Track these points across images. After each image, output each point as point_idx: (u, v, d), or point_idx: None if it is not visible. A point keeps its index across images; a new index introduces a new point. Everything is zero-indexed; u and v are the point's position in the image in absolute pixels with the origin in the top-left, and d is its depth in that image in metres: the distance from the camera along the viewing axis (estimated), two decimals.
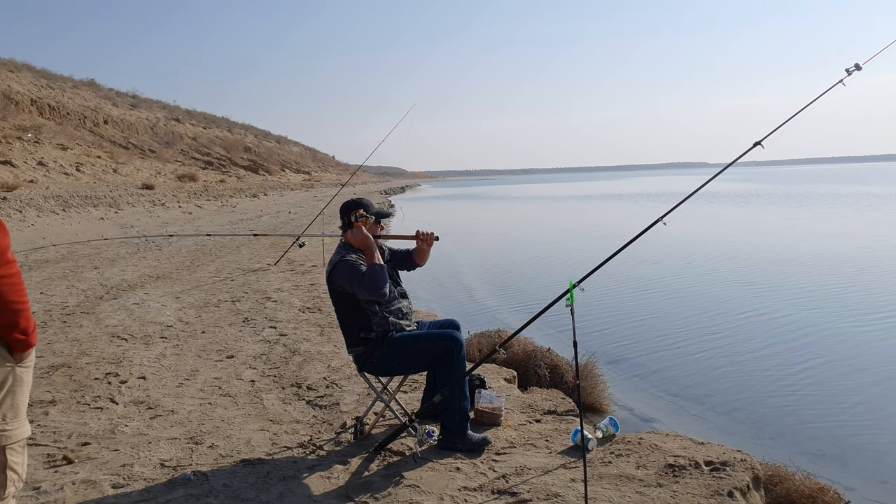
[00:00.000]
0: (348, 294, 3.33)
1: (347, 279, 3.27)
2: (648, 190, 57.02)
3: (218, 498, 2.89)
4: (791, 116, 3.41)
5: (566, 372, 5.09)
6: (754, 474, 3.07)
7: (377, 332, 3.36)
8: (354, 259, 3.32)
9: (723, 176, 3.65)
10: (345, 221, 3.45)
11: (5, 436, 1.80)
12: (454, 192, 72.63)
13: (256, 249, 12.71)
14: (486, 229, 23.96)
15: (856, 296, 9.22)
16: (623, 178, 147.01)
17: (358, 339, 3.38)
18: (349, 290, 3.30)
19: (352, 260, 3.31)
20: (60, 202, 18.89)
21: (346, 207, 3.47)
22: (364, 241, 3.34)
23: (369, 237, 3.35)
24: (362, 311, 3.36)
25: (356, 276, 3.24)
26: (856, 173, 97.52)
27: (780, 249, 14.60)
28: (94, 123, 40.77)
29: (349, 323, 3.41)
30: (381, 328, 3.36)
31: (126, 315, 6.74)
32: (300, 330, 6.08)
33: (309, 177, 67.61)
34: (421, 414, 3.45)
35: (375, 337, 3.36)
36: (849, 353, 6.57)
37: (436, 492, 2.94)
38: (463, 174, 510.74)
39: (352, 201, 3.51)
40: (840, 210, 25.87)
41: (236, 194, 33.75)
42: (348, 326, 3.42)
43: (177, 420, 3.85)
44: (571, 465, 3.18)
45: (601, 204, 38.16)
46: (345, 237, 3.44)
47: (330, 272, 3.37)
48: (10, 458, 1.82)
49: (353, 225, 3.39)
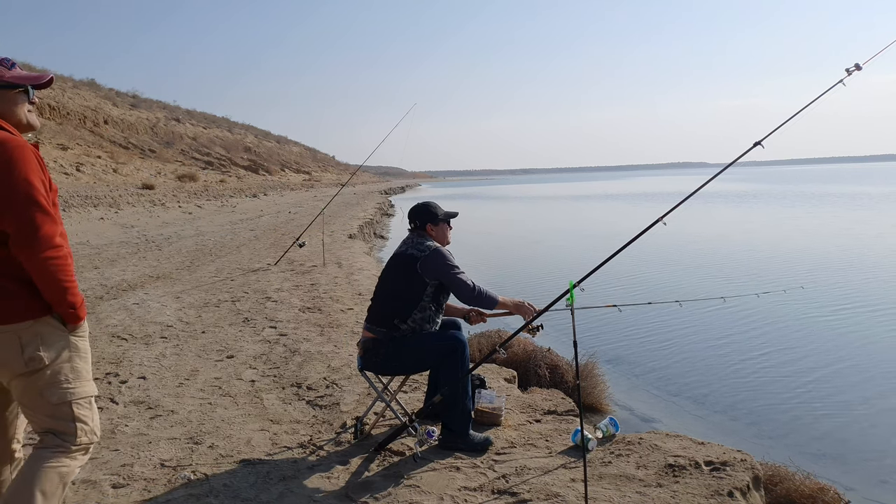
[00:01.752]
0: (423, 281, 3.35)
1: (448, 274, 3.35)
2: (648, 190, 57.03)
3: (218, 498, 2.89)
4: (791, 116, 3.40)
5: (566, 372, 5.09)
6: (754, 474, 3.07)
7: (409, 326, 3.36)
8: (450, 253, 3.47)
9: (722, 176, 3.65)
10: (416, 225, 3.58)
11: (69, 392, 2.12)
12: (454, 192, 72.63)
13: (256, 249, 12.71)
14: (486, 229, 23.96)
15: (856, 296, 9.23)
16: (623, 178, 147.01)
17: (389, 323, 3.37)
18: (430, 279, 3.35)
19: (450, 254, 3.45)
20: (60, 202, 18.84)
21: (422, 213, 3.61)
22: (521, 311, 3.49)
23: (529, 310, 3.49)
24: (416, 301, 3.36)
25: (461, 277, 3.36)
26: (855, 173, 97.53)
27: (781, 250, 14.60)
28: (94, 123, 40.76)
29: (392, 304, 3.40)
30: (415, 324, 3.37)
31: (126, 315, 6.74)
32: (300, 330, 6.08)
33: (309, 177, 67.61)
34: (421, 414, 3.46)
35: (405, 331, 3.36)
36: (849, 352, 6.57)
37: (436, 492, 2.94)
38: (462, 174, 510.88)
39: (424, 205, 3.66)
40: (833, 209, 25.87)
41: (236, 194, 33.74)
42: (388, 305, 3.41)
43: (177, 420, 3.85)
44: (571, 465, 3.18)
45: (601, 204, 38.16)
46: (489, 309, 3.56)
47: (426, 256, 3.37)
48: (77, 411, 2.14)
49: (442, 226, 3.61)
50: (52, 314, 2.12)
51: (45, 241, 2.04)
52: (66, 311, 2.12)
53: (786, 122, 3.38)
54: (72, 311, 2.13)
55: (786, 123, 3.37)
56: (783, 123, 3.37)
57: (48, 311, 2.11)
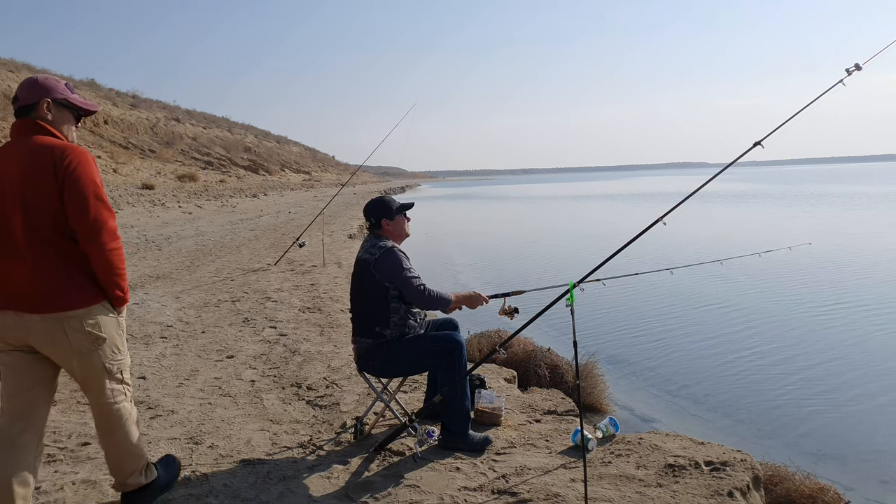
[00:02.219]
0: (383, 285, 3.29)
1: (398, 276, 3.27)
2: (648, 190, 57.01)
3: (218, 498, 2.89)
4: (791, 116, 3.40)
5: (566, 372, 5.09)
6: (754, 474, 3.07)
7: (393, 330, 3.33)
8: (403, 254, 3.35)
9: (722, 176, 3.65)
10: (372, 223, 3.48)
11: (123, 363, 2.57)
12: (454, 192, 72.63)
13: (256, 249, 12.71)
14: (486, 229, 23.96)
15: (855, 296, 9.22)
16: (623, 177, 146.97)
17: (371, 332, 3.34)
18: (387, 283, 3.28)
19: (402, 252, 3.35)
20: None
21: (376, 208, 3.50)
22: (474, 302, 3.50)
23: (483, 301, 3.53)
24: (386, 305, 3.31)
25: (412, 280, 3.25)
26: (855, 173, 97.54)
27: (780, 249, 14.58)
28: (94, 123, 40.73)
29: (367, 312, 3.36)
30: (398, 328, 3.34)
31: (126, 315, 6.73)
32: (300, 330, 6.08)
33: (309, 177, 67.58)
34: (421, 414, 3.45)
35: (390, 336, 3.33)
36: (849, 352, 6.57)
37: (436, 492, 2.94)
38: (462, 174, 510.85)
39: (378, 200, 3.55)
40: (832, 209, 25.86)
41: (236, 194, 33.73)
42: (365, 315, 3.37)
43: (177, 420, 3.85)
44: (571, 465, 3.18)
45: (601, 204, 38.16)
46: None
47: (376, 259, 3.29)
48: (126, 376, 2.60)
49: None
50: (106, 298, 2.48)
51: (110, 234, 2.40)
52: (117, 296, 2.50)
53: (786, 122, 3.38)
54: (121, 294, 2.50)
55: (786, 123, 3.37)
56: (783, 123, 3.37)
57: (104, 297, 2.47)
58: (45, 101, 2.43)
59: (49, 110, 2.45)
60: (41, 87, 2.45)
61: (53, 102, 2.46)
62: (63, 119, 2.50)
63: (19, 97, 2.44)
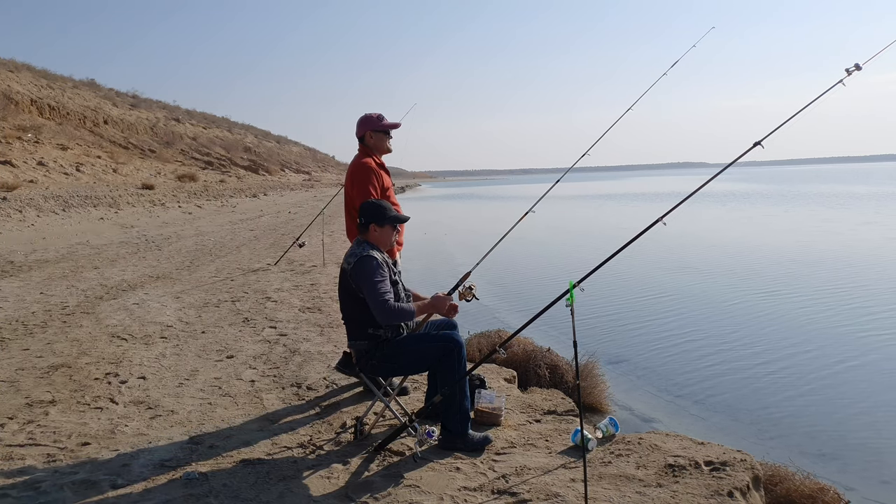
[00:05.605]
0: (361, 289, 3.31)
1: (367, 286, 3.24)
2: (648, 190, 57.00)
3: (218, 498, 2.89)
4: (791, 116, 3.39)
5: (566, 372, 5.09)
6: (754, 474, 3.07)
7: (387, 330, 3.34)
8: (379, 260, 3.31)
9: (721, 176, 3.64)
10: (361, 222, 3.45)
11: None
12: (454, 192, 72.60)
13: (256, 249, 12.71)
14: (485, 228, 23.94)
15: (855, 296, 9.22)
16: (623, 178, 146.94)
17: (365, 334, 3.35)
18: (360, 293, 3.30)
19: (377, 262, 3.29)
20: (60, 202, 18.88)
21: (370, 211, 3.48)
22: (446, 310, 3.47)
23: (453, 307, 3.50)
24: (369, 309, 3.33)
25: (377, 292, 3.21)
26: (854, 173, 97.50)
27: (780, 250, 14.60)
28: (94, 123, 40.72)
29: (357, 318, 3.38)
30: (392, 327, 3.35)
31: (126, 315, 6.74)
32: (300, 330, 6.08)
33: (309, 177, 67.57)
34: (421, 414, 3.45)
35: (384, 335, 3.34)
36: (849, 353, 6.57)
37: (436, 492, 2.94)
38: (463, 174, 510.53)
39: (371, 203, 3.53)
40: (831, 209, 25.87)
41: (236, 194, 33.73)
42: (355, 320, 3.39)
43: (177, 420, 3.85)
44: (571, 465, 3.18)
45: (600, 204, 38.14)
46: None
47: (352, 268, 3.31)
48: None
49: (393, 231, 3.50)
50: None
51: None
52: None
53: (786, 122, 3.37)
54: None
55: (786, 123, 3.36)
56: (783, 123, 3.36)
57: None
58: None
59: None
60: None
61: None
62: (380, 139, 3.66)
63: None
